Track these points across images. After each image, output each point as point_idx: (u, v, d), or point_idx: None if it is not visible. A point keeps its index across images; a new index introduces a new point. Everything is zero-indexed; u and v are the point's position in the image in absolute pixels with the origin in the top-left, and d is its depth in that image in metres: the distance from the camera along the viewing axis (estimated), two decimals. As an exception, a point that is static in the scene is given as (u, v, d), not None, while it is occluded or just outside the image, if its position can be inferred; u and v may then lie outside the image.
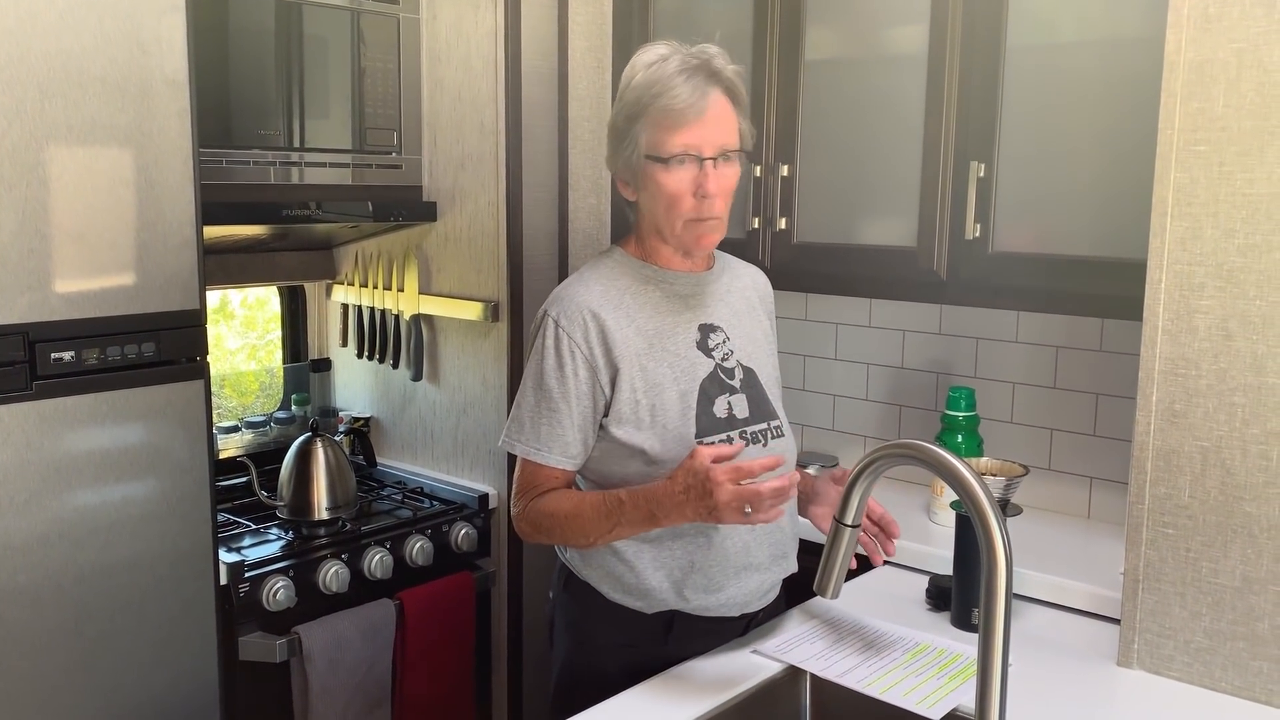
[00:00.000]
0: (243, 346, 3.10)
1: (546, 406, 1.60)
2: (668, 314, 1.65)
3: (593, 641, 1.69)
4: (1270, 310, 1.51)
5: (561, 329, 1.60)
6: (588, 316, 1.60)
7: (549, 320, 1.61)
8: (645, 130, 1.57)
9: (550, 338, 1.60)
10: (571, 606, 1.72)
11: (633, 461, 1.60)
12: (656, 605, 1.64)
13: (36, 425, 1.82)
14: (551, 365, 1.60)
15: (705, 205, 1.57)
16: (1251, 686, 1.57)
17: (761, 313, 1.79)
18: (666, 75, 1.55)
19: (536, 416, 1.61)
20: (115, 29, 1.84)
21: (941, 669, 1.61)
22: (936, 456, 1.19)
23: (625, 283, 1.65)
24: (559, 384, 1.59)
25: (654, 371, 1.61)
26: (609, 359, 1.60)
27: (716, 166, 1.56)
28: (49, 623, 1.85)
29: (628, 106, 1.59)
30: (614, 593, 1.66)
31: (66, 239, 1.82)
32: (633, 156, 1.60)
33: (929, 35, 2.10)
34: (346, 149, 2.52)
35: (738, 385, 1.67)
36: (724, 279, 1.74)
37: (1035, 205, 2.03)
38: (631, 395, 1.60)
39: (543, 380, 1.60)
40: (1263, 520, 1.54)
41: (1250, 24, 1.49)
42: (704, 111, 1.55)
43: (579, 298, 1.62)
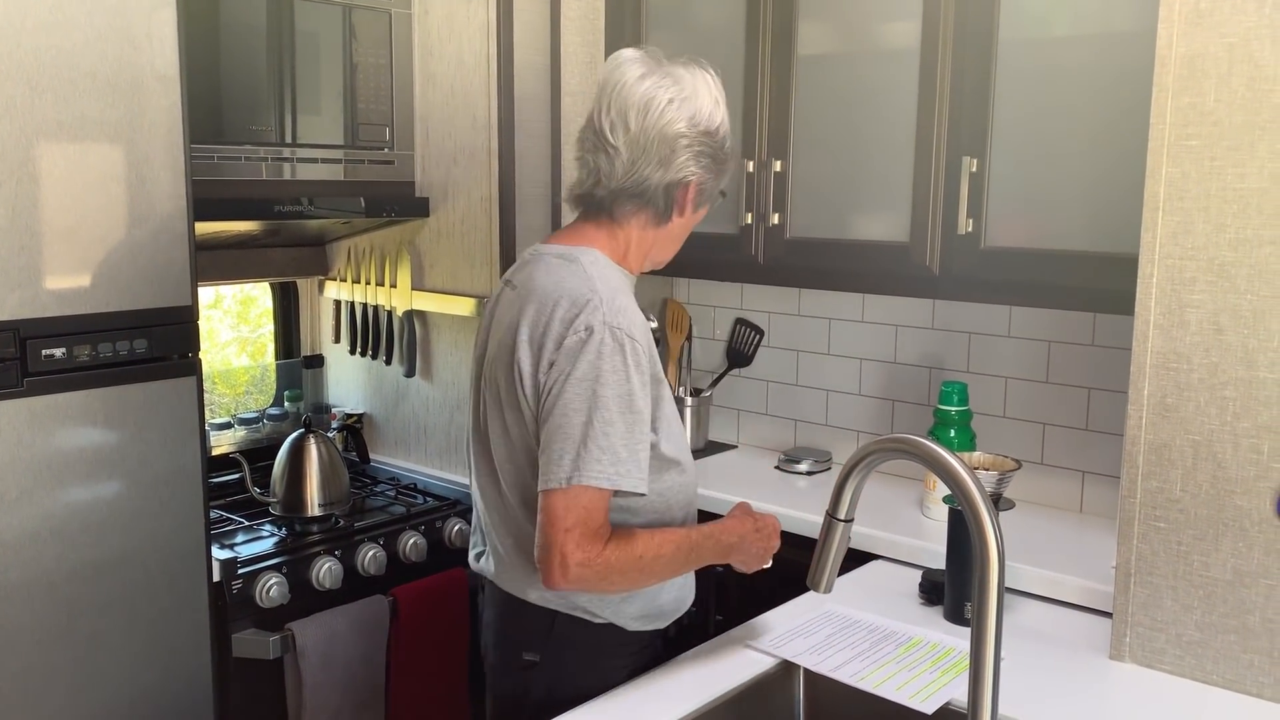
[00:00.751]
0: (234, 340, 3.09)
1: (640, 431, 1.48)
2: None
3: (611, 677, 1.59)
4: (1261, 304, 1.51)
5: (639, 345, 1.49)
6: (646, 329, 1.53)
7: (624, 336, 1.47)
8: (730, 169, 1.65)
9: (630, 355, 1.47)
10: (582, 654, 1.60)
11: (669, 474, 1.58)
12: (670, 616, 1.68)
13: (28, 422, 1.81)
14: (638, 384, 1.47)
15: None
16: (1242, 679, 1.57)
17: None
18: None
19: (633, 443, 1.46)
20: (106, 24, 1.83)
21: (935, 663, 1.62)
22: (929, 451, 1.19)
23: (625, 284, 1.61)
24: (645, 404, 1.49)
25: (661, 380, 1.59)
26: (655, 372, 1.54)
27: None
28: (41, 620, 1.85)
29: (728, 139, 1.62)
30: (635, 622, 1.62)
31: (57, 235, 1.81)
32: (717, 187, 1.64)
33: (921, 30, 2.10)
34: (339, 144, 2.52)
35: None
36: None
37: (1027, 200, 2.03)
38: (666, 408, 1.58)
39: (632, 402, 1.46)
40: (1253, 514, 1.54)
41: (1241, 19, 1.50)
42: None
43: (632, 310, 1.53)
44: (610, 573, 1.46)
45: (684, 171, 1.56)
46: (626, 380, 1.46)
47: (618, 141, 1.54)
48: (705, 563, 1.60)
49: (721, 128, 1.59)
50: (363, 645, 2.32)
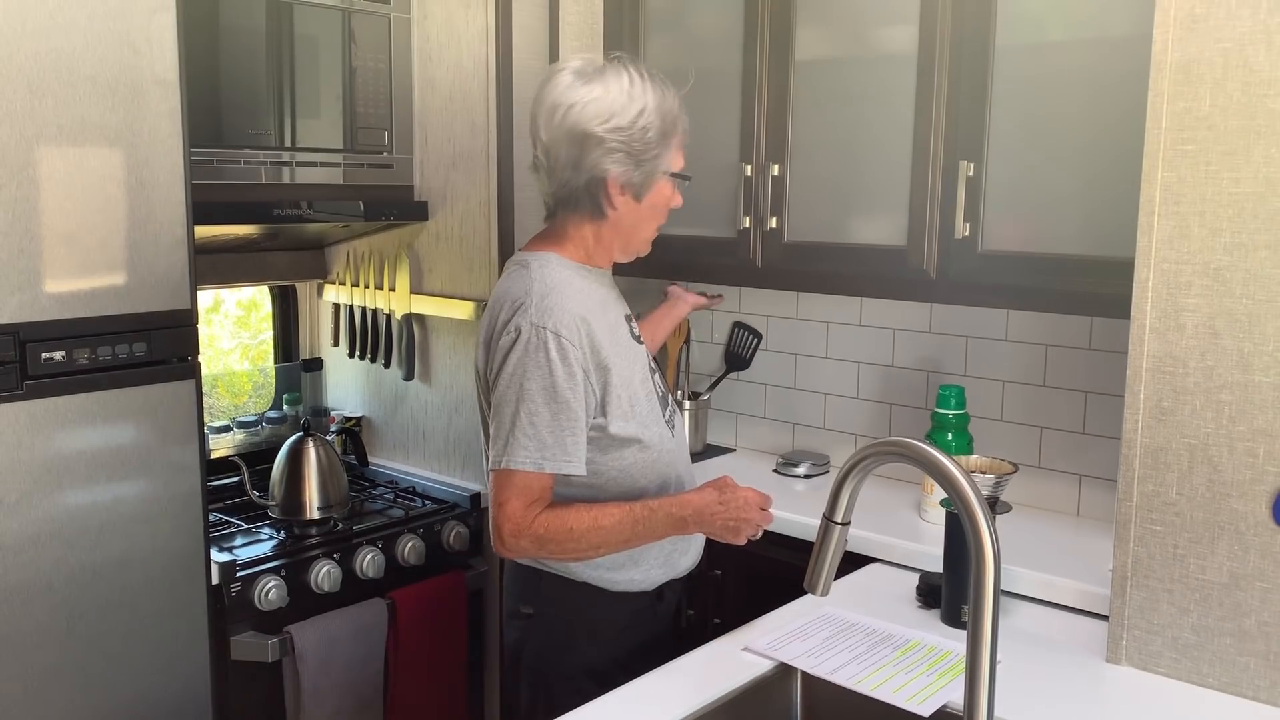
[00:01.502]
0: (236, 347, 3.10)
1: (568, 418, 1.62)
2: (610, 311, 1.76)
3: (600, 634, 1.76)
4: (1256, 308, 1.52)
5: (564, 340, 1.62)
6: (579, 324, 1.65)
7: (547, 334, 1.62)
8: (675, 148, 1.71)
9: (554, 350, 1.62)
10: (565, 611, 1.76)
11: (626, 449, 1.70)
12: (658, 577, 1.78)
13: (27, 425, 1.81)
14: (562, 376, 1.62)
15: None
16: (1239, 682, 1.58)
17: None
18: (678, 101, 1.70)
19: (558, 429, 1.62)
20: (106, 28, 1.84)
21: (931, 666, 1.62)
22: (925, 454, 1.20)
23: (580, 284, 1.71)
24: (573, 393, 1.63)
25: (622, 365, 1.70)
26: (598, 361, 1.66)
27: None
28: (40, 622, 1.85)
29: (664, 122, 1.68)
30: (617, 581, 1.75)
31: (57, 239, 1.82)
32: (655, 170, 1.69)
33: (919, 35, 2.11)
34: (338, 148, 2.52)
35: (654, 365, 1.84)
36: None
37: (1024, 204, 2.04)
38: (618, 390, 1.69)
39: (557, 393, 1.61)
40: (1249, 517, 1.55)
41: (1236, 24, 1.50)
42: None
43: (567, 306, 1.65)
44: (544, 542, 1.63)
45: (596, 170, 1.66)
46: (550, 374, 1.61)
47: (539, 151, 1.70)
48: (660, 534, 1.69)
49: (640, 119, 1.65)
50: (361, 648, 2.32)
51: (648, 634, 1.81)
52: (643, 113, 1.65)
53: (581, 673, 1.74)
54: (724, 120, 2.42)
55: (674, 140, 1.70)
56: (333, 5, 2.47)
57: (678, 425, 1.84)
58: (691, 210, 2.51)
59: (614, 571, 1.75)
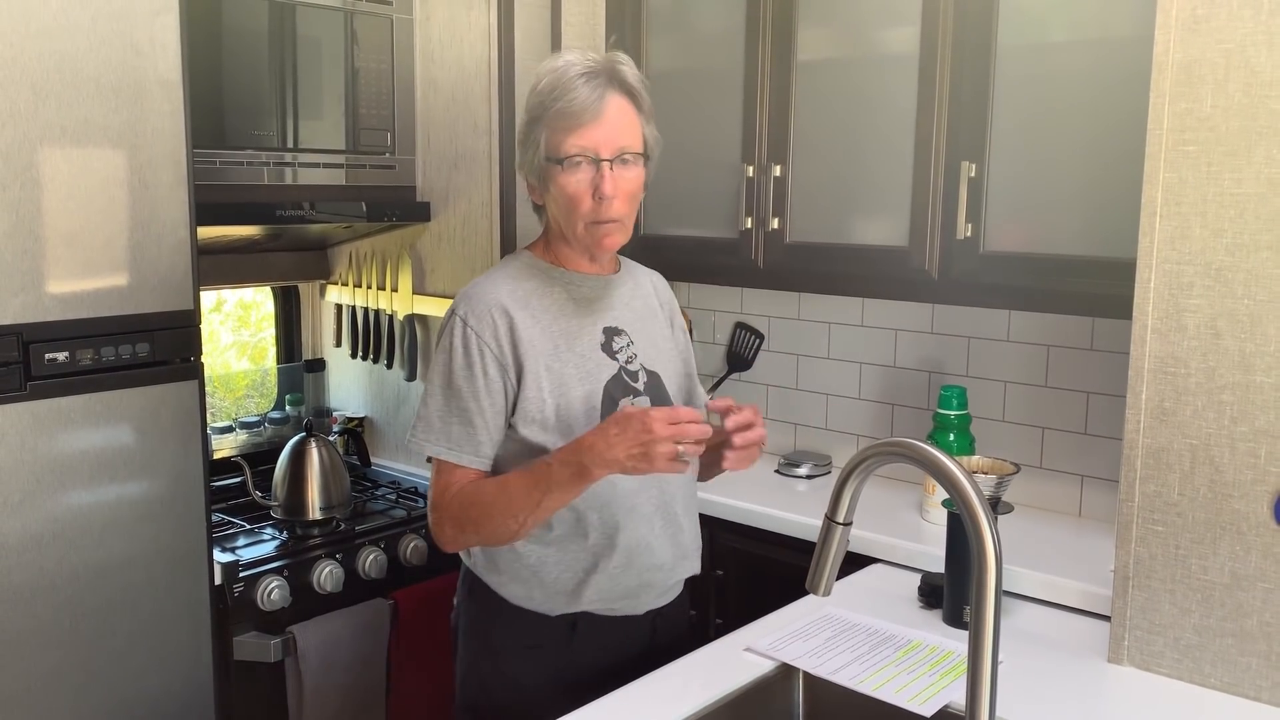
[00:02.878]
0: (233, 344, 3.10)
1: (457, 406, 1.59)
2: (573, 316, 1.66)
3: (497, 645, 1.68)
4: (1258, 309, 1.52)
5: (470, 328, 1.59)
6: (496, 314, 1.60)
7: (456, 319, 1.61)
8: (545, 132, 1.58)
9: (459, 337, 1.60)
10: (476, 611, 1.71)
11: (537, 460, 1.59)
12: (559, 607, 1.65)
13: (31, 426, 1.82)
14: (460, 364, 1.59)
15: (604, 207, 1.57)
16: (1240, 682, 1.58)
17: (663, 317, 1.80)
18: (568, 79, 1.56)
19: (447, 416, 1.60)
20: (109, 30, 1.84)
21: (933, 666, 1.62)
22: (926, 454, 1.20)
23: (532, 284, 1.65)
24: (468, 383, 1.59)
25: (559, 372, 1.61)
26: (516, 356, 1.60)
27: (614, 169, 1.57)
28: (43, 622, 1.85)
29: (530, 109, 1.61)
30: (518, 596, 1.66)
31: (60, 240, 1.82)
32: (535, 159, 1.61)
33: (920, 36, 2.11)
34: (340, 149, 2.53)
35: (641, 388, 1.68)
36: (628, 283, 1.75)
37: (1026, 205, 2.04)
38: (538, 394, 1.60)
39: (451, 380, 1.59)
40: (1251, 517, 1.55)
41: (1238, 25, 1.51)
42: (601, 113, 1.56)
43: (487, 296, 1.61)
44: (462, 522, 1.59)
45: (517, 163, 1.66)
46: (449, 359, 1.60)
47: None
48: (570, 485, 1.51)
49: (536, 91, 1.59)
50: (363, 648, 2.33)
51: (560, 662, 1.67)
52: (527, 99, 1.61)
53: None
54: (726, 121, 2.42)
55: (544, 123, 1.57)
56: (335, 6, 2.48)
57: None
58: (693, 211, 2.53)
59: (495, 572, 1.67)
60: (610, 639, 1.68)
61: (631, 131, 1.59)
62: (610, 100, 1.57)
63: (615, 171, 1.57)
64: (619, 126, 1.58)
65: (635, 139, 1.60)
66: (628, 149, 1.58)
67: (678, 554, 1.71)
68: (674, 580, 1.74)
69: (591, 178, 1.57)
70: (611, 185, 1.56)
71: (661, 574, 1.70)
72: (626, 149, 1.58)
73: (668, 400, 1.71)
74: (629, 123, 1.59)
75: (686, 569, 1.75)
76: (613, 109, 1.57)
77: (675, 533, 1.70)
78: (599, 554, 1.63)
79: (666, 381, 1.72)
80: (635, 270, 1.81)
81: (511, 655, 1.67)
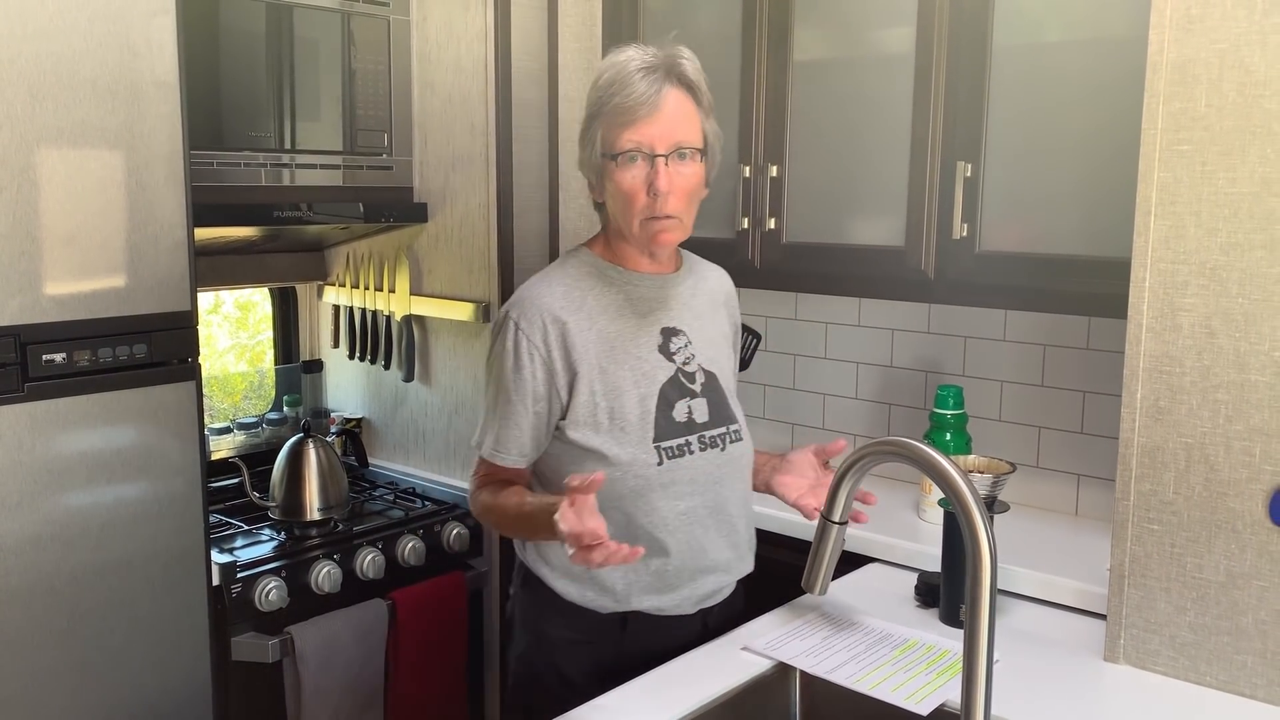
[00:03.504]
0: (233, 347, 3.10)
1: (505, 406, 1.61)
2: (630, 317, 1.65)
3: (549, 638, 1.69)
4: (1252, 308, 1.53)
5: (521, 331, 1.60)
6: (548, 320, 1.60)
7: (509, 322, 1.61)
8: (602, 128, 1.57)
9: (510, 340, 1.60)
10: (528, 603, 1.72)
11: (588, 463, 1.59)
12: (611, 605, 1.66)
13: (28, 427, 1.82)
14: (509, 367, 1.60)
15: (659, 203, 1.55)
16: (1236, 680, 1.58)
17: (724, 314, 1.79)
18: (626, 73, 1.54)
19: (494, 416, 1.63)
20: (105, 31, 1.85)
21: (930, 665, 1.63)
22: (922, 453, 1.20)
23: (589, 284, 1.65)
24: (516, 385, 1.60)
25: (614, 375, 1.61)
26: (568, 362, 1.60)
27: (670, 164, 1.54)
28: (41, 624, 1.85)
29: (590, 106, 1.60)
30: (570, 591, 1.66)
31: (57, 241, 1.82)
32: (593, 155, 1.60)
33: (916, 36, 2.12)
34: (337, 150, 2.53)
35: (698, 389, 1.67)
36: (689, 281, 1.74)
37: (1022, 205, 2.05)
38: (590, 398, 1.60)
39: (501, 380, 1.61)
40: (1246, 515, 1.55)
41: (1231, 25, 1.51)
42: (657, 108, 1.53)
43: (541, 300, 1.62)
44: (476, 510, 1.69)
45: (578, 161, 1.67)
46: (501, 361, 1.62)
47: None
48: (547, 533, 1.45)
49: (595, 86, 1.58)
50: (361, 649, 2.33)
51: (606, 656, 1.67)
52: (587, 96, 1.61)
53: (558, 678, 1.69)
54: (722, 121, 2.39)
55: (601, 119, 1.57)
56: (332, 7, 2.48)
57: (698, 460, 1.64)
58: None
59: (545, 564, 1.68)
60: (661, 636, 1.68)
61: (689, 126, 1.56)
62: (667, 94, 1.54)
63: (671, 167, 1.54)
64: (676, 121, 1.55)
65: (694, 134, 1.57)
66: (685, 144, 1.55)
67: (732, 555, 1.72)
68: (727, 580, 1.74)
69: (646, 173, 1.54)
70: (666, 181, 1.53)
71: (714, 575, 1.70)
72: (684, 144, 1.55)
73: (725, 403, 1.70)
74: (687, 117, 1.56)
75: (740, 569, 1.75)
76: (670, 103, 1.54)
77: (729, 533, 1.70)
78: (650, 555, 1.61)
79: (723, 382, 1.72)
80: (699, 266, 1.79)
81: (561, 648, 1.68)
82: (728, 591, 1.76)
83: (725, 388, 1.71)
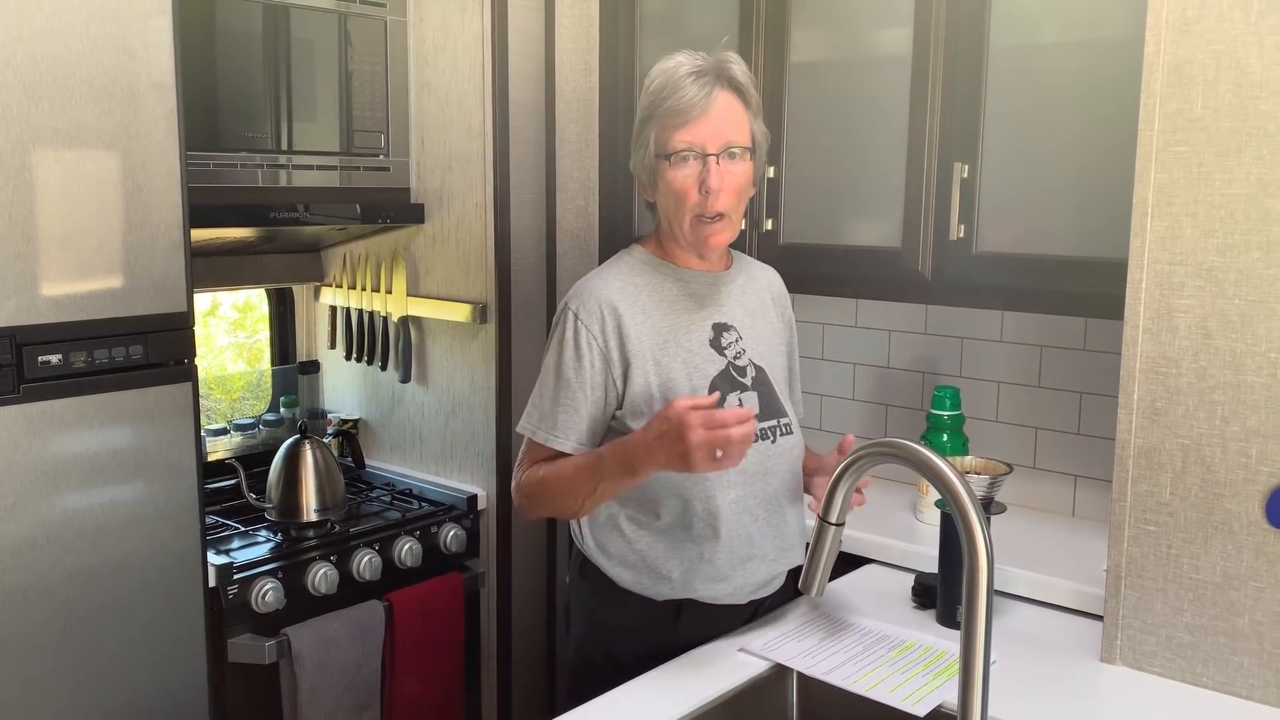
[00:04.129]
0: (230, 345, 3.10)
1: (566, 395, 1.65)
2: (683, 312, 1.69)
3: (605, 625, 1.74)
4: (1249, 309, 1.53)
5: (580, 321, 1.65)
6: (605, 310, 1.65)
7: (569, 313, 1.67)
8: (655, 130, 1.64)
9: (570, 330, 1.65)
10: (586, 591, 1.77)
11: None
12: (667, 593, 1.69)
13: (24, 428, 1.82)
14: (570, 356, 1.65)
15: (709, 201, 1.60)
16: (1232, 681, 1.58)
17: (774, 312, 1.83)
18: (677, 78, 1.62)
19: (556, 403, 1.66)
20: (102, 32, 1.84)
21: (927, 666, 1.63)
22: (918, 455, 1.20)
23: (643, 280, 1.70)
24: (576, 374, 1.64)
25: (667, 366, 1.66)
26: (623, 352, 1.64)
27: (720, 163, 1.60)
28: (37, 625, 1.85)
29: (643, 110, 1.67)
30: (626, 578, 1.70)
31: (53, 242, 1.82)
32: (646, 157, 1.66)
33: (913, 37, 2.12)
34: (334, 151, 2.53)
35: (749, 383, 1.71)
36: (740, 279, 1.78)
37: (1018, 206, 2.05)
38: (645, 389, 1.64)
39: (561, 370, 1.66)
40: (1242, 517, 1.55)
41: (1228, 27, 1.51)
42: (708, 109, 1.60)
43: (598, 292, 1.67)
44: (529, 495, 1.69)
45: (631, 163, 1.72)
46: (560, 351, 1.66)
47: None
48: (620, 479, 1.57)
49: (648, 91, 1.64)
50: (358, 650, 2.33)
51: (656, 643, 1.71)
52: (640, 100, 1.67)
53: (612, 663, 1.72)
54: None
55: (654, 121, 1.63)
56: (329, 8, 2.48)
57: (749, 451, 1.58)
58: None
59: (605, 553, 1.72)
60: (714, 625, 1.73)
61: (739, 127, 1.63)
62: (718, 97, 1.61)
63: (722, 165, 1.61)
64: (726, 122, 1.61)
65: (742, 134, 1.63)
66: (734, 143, 1.62)
67: (781, 545, 1.74)
68: (777, 570, 1.76)
69: (698, 172, 1.61)
70: (718, 179, 1.60)
71: (765, 565, 1.72)
72: (733, 143, 1.62)
73: (775, 397, 1.74)
74: (736, 118, 1.63)
75: (790, 560, 1.77)
76: (720, 105, 1.61)
77: (779, 524, 1.73)
78: (703, 544, 1.66)
79: (774, 377, 1.75)
80: (749, 266, 1.84)
81: (616, 635, 1.72)
82: (779, 582, 1.79)
83: (775, 382, 1.76)
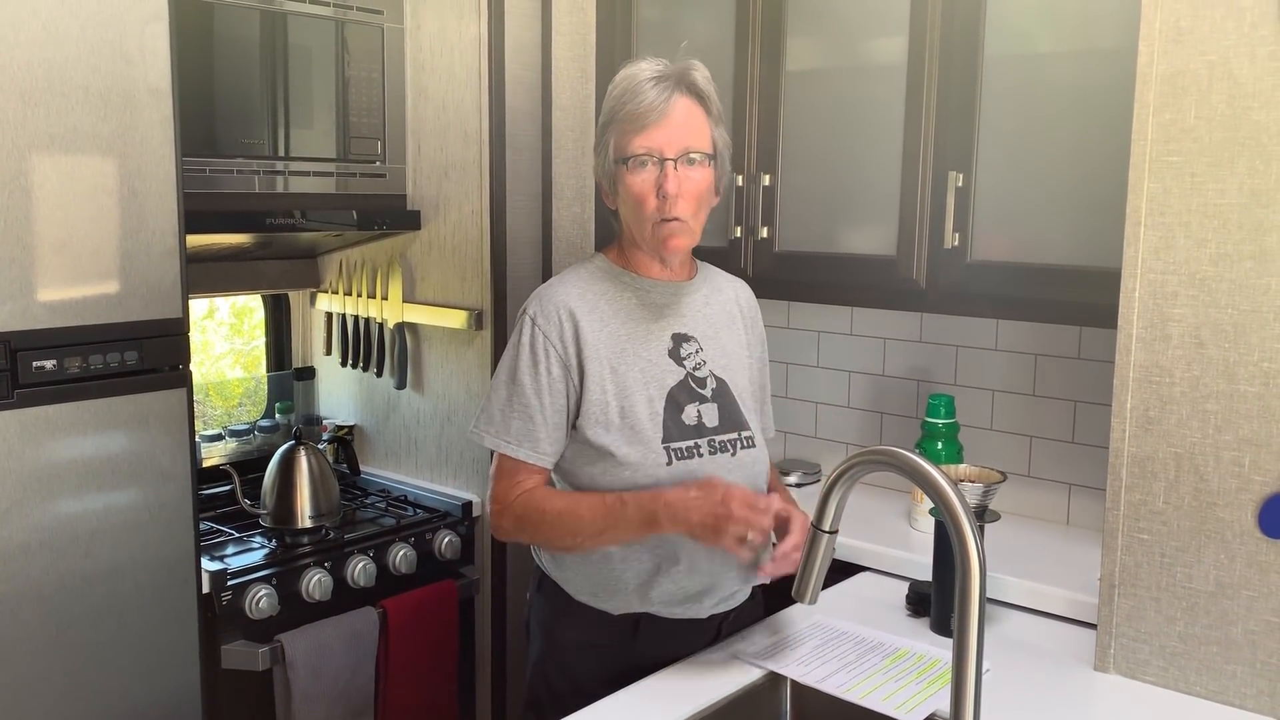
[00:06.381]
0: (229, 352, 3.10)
1: (519, 402, 1.63)
2: (641, 321, 1.68)
3: (562, 642, 1.71)
4: (1241, 319, 1.53)
5: (537, 327, 1.64)
6: (563, 315, 1.64)
7: (526, 318, 1.66)
8: (614, 135, 1.63)
9: (526, 335, 1.64)
10: (543, 607, 1.74)
11: (601, 462, 1.62)
12: (622, 607, 1.66)
13: (18, 434, 1.81)
14: (526, 362, 1.63)
15: (667, 206, 1.59)
16: (1225, 690, 1.58)
17: (742, 326, 1.80)
18: (637, 83, 1.61)
19: (508, 411, 1.64)
20: (98, 38, 1.85)
21: (920, 674, 1.63)
22: (911, 463, 1.21)
23: (602, 287, 1.68)
24: (532, 380, 1.63)
25: (624, 375, 1.64)
26: (580, 358, 1.63)
27: (679, 168, 1.59)
28: (30, 631, 1.85)
29: (603, 115, 1.66)
30: (581, 594, 1.68)
31: (49, 248, 1.82)
32: (606, 163, 1.66)
33: (908, 46, 2.13)
34: (331, 158, 2.53)
35: (708, 394, 1.69)
36: (703, 290, 1.76)
37: (1013, 214, 2.05)
38: (601, 396, 1.62)
39: (516, 376, 1.64)
40: (1235, 525, 1.56)
41: (1221, 37, 1.52)
42: (666, 114, 1.59)
43: (556, 297, 1.66)
44: (523, 523, 1.64)
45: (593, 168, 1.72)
46: (516, 355, 1.65)
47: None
48: (635, 529, 1.56)
49: (610, 96, 1.64)
50: (352, 657, 2.32)
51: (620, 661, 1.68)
52: (618, 86, 1.65)
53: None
54: (715, 130, 2.42)
55: (614, 126, 1.62)
56: (326, 15, 2.48)
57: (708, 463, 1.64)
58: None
59: (568, 569, 1.69)
60: (673, 640, 1.69)
61: (698, 133, 1.62)
62: (677, 102, 1.60)
63: (680, 171, 1.60)
64: (686, 128, 1.61)
65: (703, 140, 1.62)
66: (693, 149, 1.61)
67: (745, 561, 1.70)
68: (740, 586, 1.74)
69: (656, 177, 1.60)
70: (675, 184, 1.59)
71: (727, 580, 1.70)
72: (692, 149, 1.61)
73: (736, 409, 1.71)
74: (696, 124, 1.62)
75: (754, 576, 1.73)
76: (679, 110, 1.60)
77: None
78: (663, 556, 1.64)
79: (736, 390, 1.73)
80: (715, 277, 1.82)
81: (574, 652, 1.70)
82: (742, 598, 1.76)
83: (739, 395, 1.73)
